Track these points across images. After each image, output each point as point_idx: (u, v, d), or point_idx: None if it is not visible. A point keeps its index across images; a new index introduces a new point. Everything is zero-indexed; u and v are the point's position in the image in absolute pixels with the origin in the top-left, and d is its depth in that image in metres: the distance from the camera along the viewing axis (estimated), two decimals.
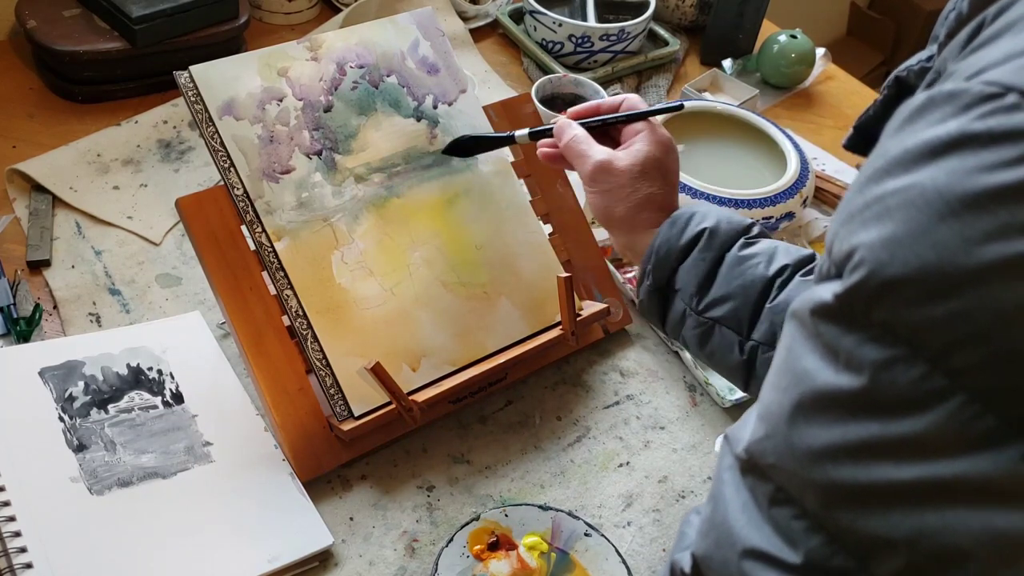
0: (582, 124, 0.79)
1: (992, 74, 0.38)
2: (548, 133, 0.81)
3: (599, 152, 0.76)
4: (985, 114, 0.37)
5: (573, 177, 1.00)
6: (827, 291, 0.41)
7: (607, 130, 0.80)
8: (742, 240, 0.73)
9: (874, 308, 0.39)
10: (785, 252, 0.73)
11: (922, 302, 0.37)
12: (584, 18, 1.36)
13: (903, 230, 0.38)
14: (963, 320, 0.37)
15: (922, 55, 0.52)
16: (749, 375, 0.73)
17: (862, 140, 0.59)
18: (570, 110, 0.82)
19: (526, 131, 0.82)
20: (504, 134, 0.85)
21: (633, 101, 0.80)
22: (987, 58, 0.40)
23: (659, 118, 0.82)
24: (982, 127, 0.37)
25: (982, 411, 0.37)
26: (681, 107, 0.80)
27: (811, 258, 0.73)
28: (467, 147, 0.88)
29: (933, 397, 0.38)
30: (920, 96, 0.40)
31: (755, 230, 0.75)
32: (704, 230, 0.73)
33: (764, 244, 0.74)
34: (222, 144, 0.81)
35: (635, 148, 0.76)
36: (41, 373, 0.79)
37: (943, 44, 0.48)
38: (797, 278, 0.71)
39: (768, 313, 0.71)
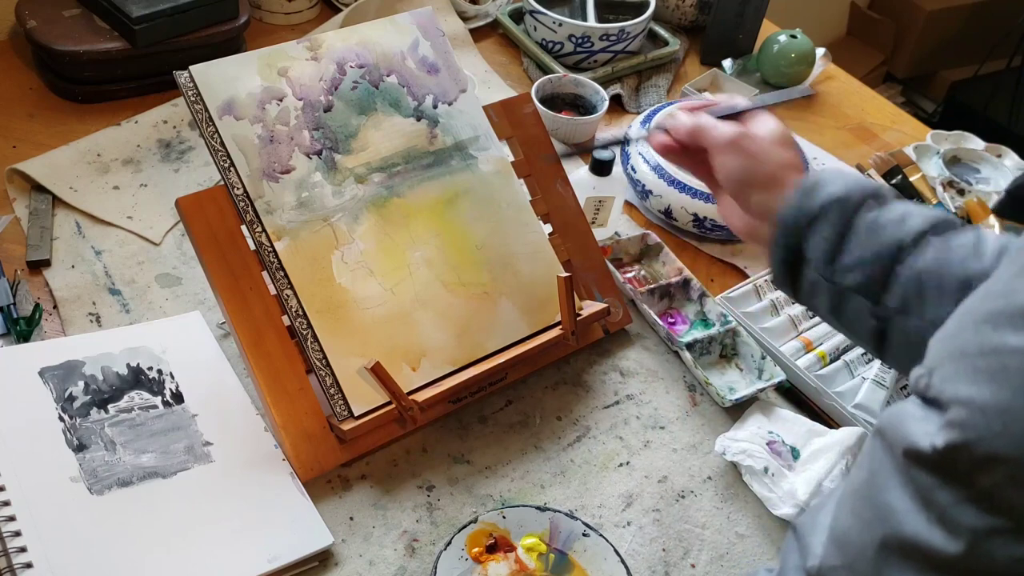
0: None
1: None
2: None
3: (733, 123, 0.75)
4: None
5: (573, 177, 1.00)
6: (924, 435, 0.38)
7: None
8: (873, 204, 0.70)
9: (978, 474, 0.37)
10: (918, 215, 0.69)
11: None
12: (584, 18, 1.36)
13: (1018, 402, 0.35)
14: None
15: None
16: (882, 343, 0.69)
17: (1017, 204, 0.55)
18: (682, 104, 0.81)
19: (643, 130, 0.79)
20: (616, 138, 0.81)
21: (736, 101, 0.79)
22: None
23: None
24: None
25: None
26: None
27: (945, 220, 0.69)
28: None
29: None
30: None
31: (886, 192, 0.71)
32: (833, 195, 0.69)
33: (896, 207, 0.70)
34: (222, 144, 0.81)
35: (764, 121, 0.76)
36: (41, 373, 0.79)
37: None
38: (931, 240, 0.67)
39: (901, 279, 0.67)
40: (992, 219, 1.01)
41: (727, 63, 1.39)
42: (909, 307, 0.65)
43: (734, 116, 0.77)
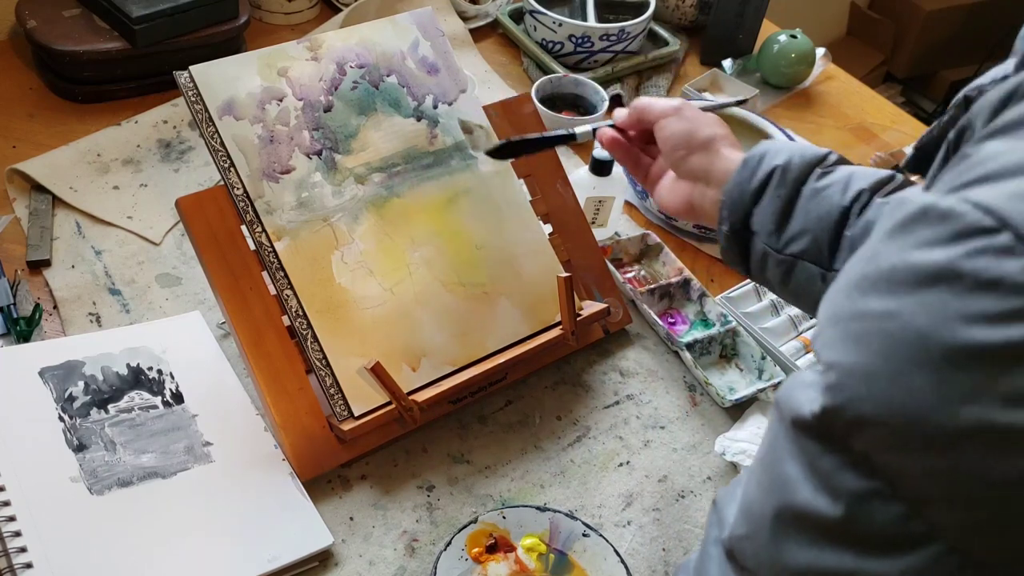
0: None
1: (993, 197, 0.35)
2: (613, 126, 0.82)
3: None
4: (975, 252, 0.35)
5: (573, 177, 1.00)
6: (807, 402, 0.39)
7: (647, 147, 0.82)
8: (817, 171, 0.70)
9: (852, 437, 0.37)
10: (862, 176, 0.69)
11: (898, 448, 0.36)
12: (584, 18, 1.36)
13: (881, 365, 0.36)
14: (936, 477, 0.35)
15: (996, 73, 0.49)
16: None
17: (923, 160, 0.56)
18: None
19: (588, 128, 0.82)
20: (560, 132, 0.83)
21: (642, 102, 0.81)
22: (999, 161, 0.37)
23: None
24: (969, 267, 0.35)
25: (962, 565, 0.36)
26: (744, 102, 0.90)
27: (889, 178, 0.69)
28: (514, 148, 0.86)
29: (911, 541, 0.36)
30: (917, 201, 0.38)
31: (831, 159, 0.72)
32: (775, 167, 0.70)
33: (839, 172, 0.70)
34: (222, 144, 0.81)
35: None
36: (41, 373, 0.79)
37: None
38: (876, 200, 0.67)
39: (848, 241, 0.67)
40: None
41: (727, 63, 1.39)
42: None
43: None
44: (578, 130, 0.82)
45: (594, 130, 0.82)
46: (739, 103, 0.94)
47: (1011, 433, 0.33)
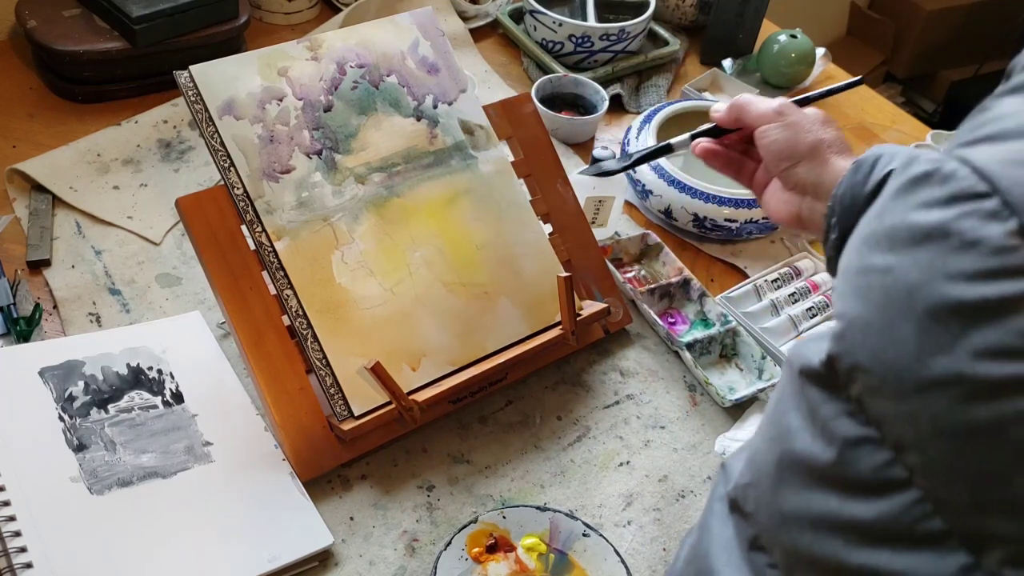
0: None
1: (990, 159, 0.38)
2: (711, 132, 0.79)
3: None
4: (964, 215, 0.37)
5: (573, 177, 1.00)
6: (816, 352, 0.41)
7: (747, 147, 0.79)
8: None
9: (850, 384, 0.39)
10: None
11: (883, 394, 0.38)
12: (584, 18, 1.36)
13: (876, 317, 0.38)
14: (913, 423, 0.37)
15: None
16: None
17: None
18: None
19: (686, 136, 0.80)
20: (660, 144, 0.82)
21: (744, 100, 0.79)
22: (1006, 121, 0.39)
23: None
24: (956, 228, 0.37)
25: (931, 512, 0.37)
26: (858, 80, 0.84)
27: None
28: (609, 170, 0.85)
29: (889, 487, 0.38)
30: (924, 162, 0.40)
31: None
32: (892, 171, 0.66)
33: None
34: (222, 144, 0.81)
35: (807, 109, 0.75)
36: (41, 373, 0.79)
37: None
38: None
39: None
40: None
41: (727, 63, 1.39)
42: None
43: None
44: (674, 141, 0.80)
45: (692, 137, 0.80)
46: (851, 85, 0.85)
47: (978, 384, 0.36)
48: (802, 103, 0.77)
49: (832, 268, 0.72)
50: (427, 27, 0.93)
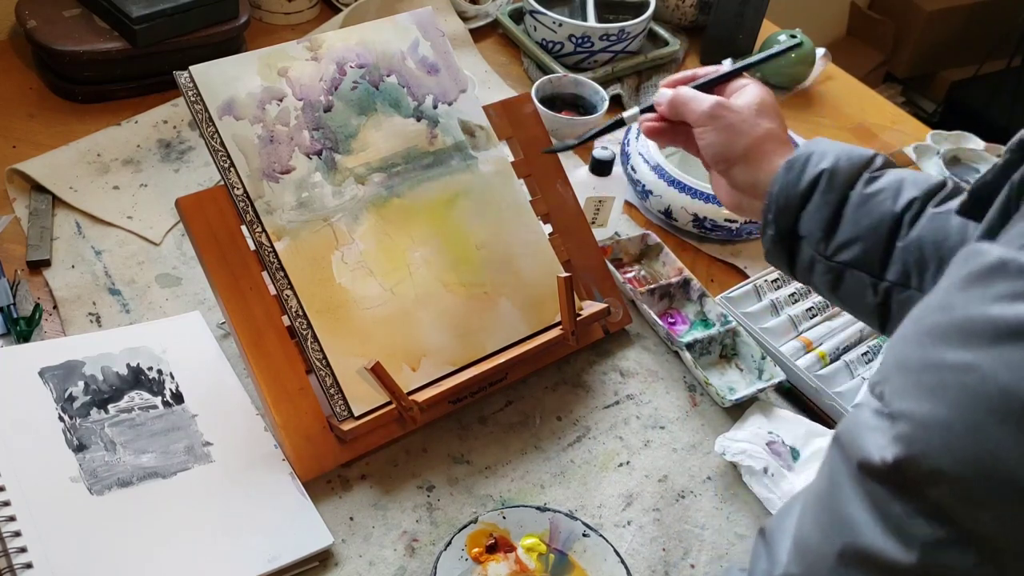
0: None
1: None
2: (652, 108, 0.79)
3: (712, 96, 0.74)
4: None
5: (573, 177, 1.00)
6: (876, 448, 0.39)
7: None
8: (866, 176, 0.68)
9: (927, 488, 0.37)
10: (912, 184, 0.67)
11: (975, 500, 0.36)
12: (584, 18, 1.36)
13: (958, 419, 0.36)
14: (1018, 530, 0.35)
15: None
16: (885, 318, 0.68)
17: (977, 204, 0.54)
18: (666, 80, 0.79)
19: (636, 110, 0.80)
20: (614, 119, 0.82)
21: (710, 70, 0.78)
22: None
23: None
24: None
25: None
26: (798, 43, 0.85)
27: (941, 185, 0.67)
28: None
29: None
30: (994, 253, 0.38)
31: (878, 162, 0.69)
32: (823, 171, 0.68)
33: (889, 177, 0.68)
34: (222, 144, 0.81)
35: (747, 91, 0.74)
36: (41, 373, 0.79)
37: None
38: (929, 210, 0.66)
39: (900, 252, 0.66)
40: None
41: (727, 63, 1.39)
42: (910, 280, 0.64)
43: (722, 82, 0.77)
44: (626, 115, 0.81)
45: (641, 111, 0.80)
46: (789, 50, 0.87)
47: None
48: (740, 71, 0.77)
49: (771, 260, 0.73)
50: (427, 27, 0.93)
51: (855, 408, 0.44)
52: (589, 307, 0.93)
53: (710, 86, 0.78)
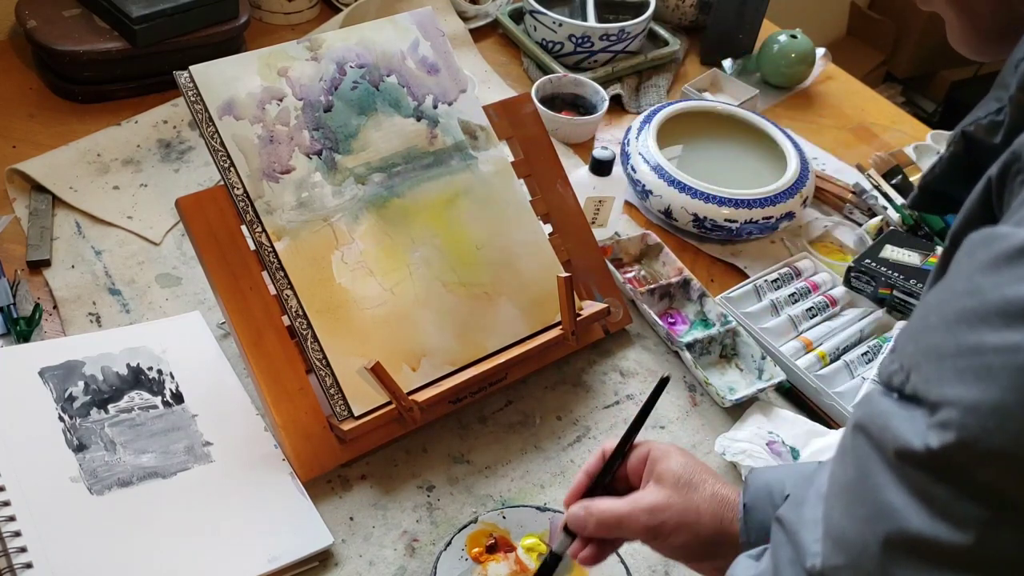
0: (587, 492, 0.68)
1: None
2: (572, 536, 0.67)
3: (633, 503, 0.64)
4: None
5: (573, 177, 1.00)
6: (915, 435, 0.39)
7: (615, 484, 0.68)
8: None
9: (978, 470, 0.37)
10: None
11: None
12: (584, 18, 1.36)
13: (1013, 399, 0.36)
14: None
15: (990, 107, 0.49)
16: None
17: (928, 198, 0.54)
18: (566, 498, 0.68)
19: (567, 540, 0.67)
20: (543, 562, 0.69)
21: (607, 446, 0.69)
22: None
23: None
24: None
25: None
26: (667, 379, 0.71)
27: None
28: None
29: None
30: (1017, 235, 0.38)
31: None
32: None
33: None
34: (222, 144, 0.81)
35: (660, 469, 0.65)
36: (41, 373, 0.79)
37: (1018, 100, 0.45)
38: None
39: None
40: None
41: (727, 63, 1.39)
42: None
43: (622, 462, 0.67)
44: (555, 547, 0.67)
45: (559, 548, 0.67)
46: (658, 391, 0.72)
47: None
48: (629, 442, 0.68)
49: None
50: (427, 27, 0.93)
51: (867, 399, 0.43)
52: (589, 307, 0.93)
53: (611, 474, 0.68)
